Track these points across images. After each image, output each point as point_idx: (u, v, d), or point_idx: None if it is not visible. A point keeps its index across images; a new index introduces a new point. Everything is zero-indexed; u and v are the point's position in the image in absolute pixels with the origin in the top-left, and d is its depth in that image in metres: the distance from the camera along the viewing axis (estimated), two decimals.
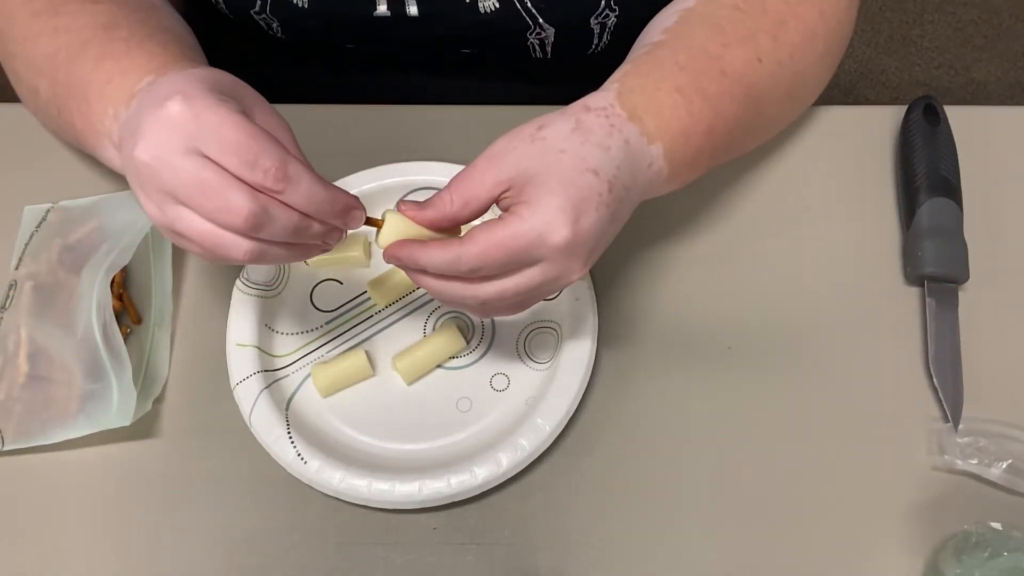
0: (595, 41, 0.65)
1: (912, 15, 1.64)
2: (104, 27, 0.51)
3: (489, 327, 0.58)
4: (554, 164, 0.44)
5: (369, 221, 0.47)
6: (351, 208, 0.45)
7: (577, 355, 0.54)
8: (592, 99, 0.47)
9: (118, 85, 0.47)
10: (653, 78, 0.49)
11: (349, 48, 0.68)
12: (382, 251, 0.46)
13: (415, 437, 0.55)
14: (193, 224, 0.42)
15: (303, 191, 0.42)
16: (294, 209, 0.42)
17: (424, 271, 0.46)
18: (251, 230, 0.41)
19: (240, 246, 0.42)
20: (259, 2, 0.61)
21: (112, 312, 0.56)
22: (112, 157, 0.49)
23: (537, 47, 0.66)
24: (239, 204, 0.40)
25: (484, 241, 0.43)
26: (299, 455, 0.52)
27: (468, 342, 0.57)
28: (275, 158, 0.40)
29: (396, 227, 0.46)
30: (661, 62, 0.50)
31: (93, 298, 0.56)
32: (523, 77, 0.71)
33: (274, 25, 0.64)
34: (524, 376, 0.56)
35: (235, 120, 0.40)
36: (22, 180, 0.63)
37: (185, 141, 0.40)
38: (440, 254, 0.44)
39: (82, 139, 0.51)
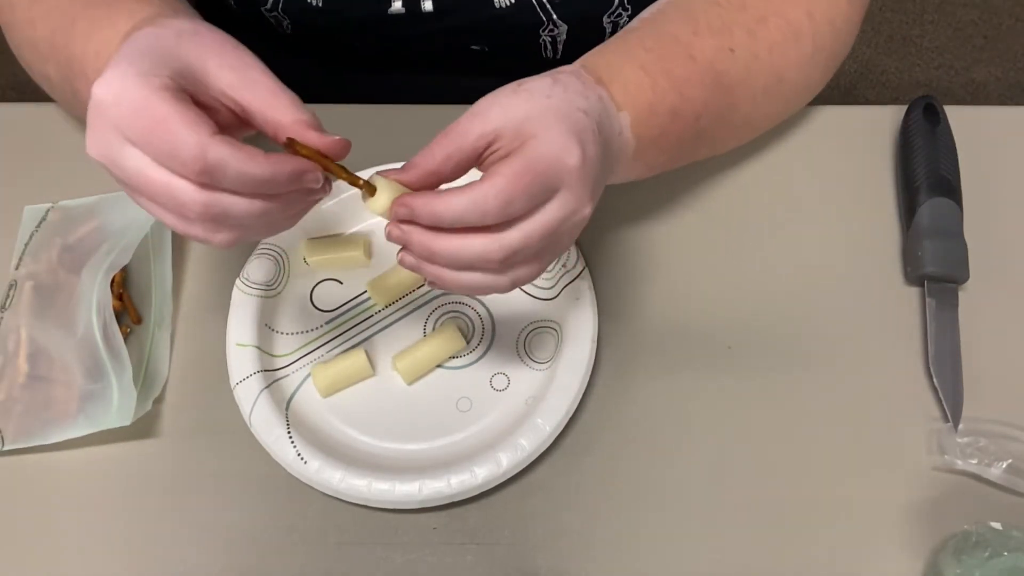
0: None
1: (912, 15, 1.64)
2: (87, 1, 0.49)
3: (489, 327, 0.58)
4: (545, 105, 0.43)
5: (358, 183, 0.43)
6: (301, 173, 0.41)
7: (577, 355, 0.54)
8: (560, 68, 0.47)
9: (106, 59, 0.45)
10: (618, 56, 0.49)
11: (358, 46, 0.68)
12: (388, 212, 0.42)
13: (415, 437, 0.55)
14: (162, 216, 0.41)
15: (235, 172, 0.38)
16: (242, 194, 0.40)
17: (439, 227, 0.42)
18: (212, 228, 0.40)
19: (215, 236, 0.41)
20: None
21: (112, 312, 0.56)
22: None
23: (548, 44, 0.66)
24: (185, 201, 0.39)
25: (507, 173, 0.41)
26: (299, 455, 0.52)
27: (468, 342, 0.57)
28: (187, 144, 0.37)
29: (391, 192, 0.42)
30: (628, 44, 0.50)
31: (93, 298, 0.56)
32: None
33: (284, 23, 0.64)
34: (524, 376, 0.56)
35: (143, 102, 0.38)
36: (22, 180, 0.63)
37: (114, 130, 0.39)
38: (462, 198, 0.40)
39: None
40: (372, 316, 0.58)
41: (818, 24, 0.55)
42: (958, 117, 0.62)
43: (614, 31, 0.64)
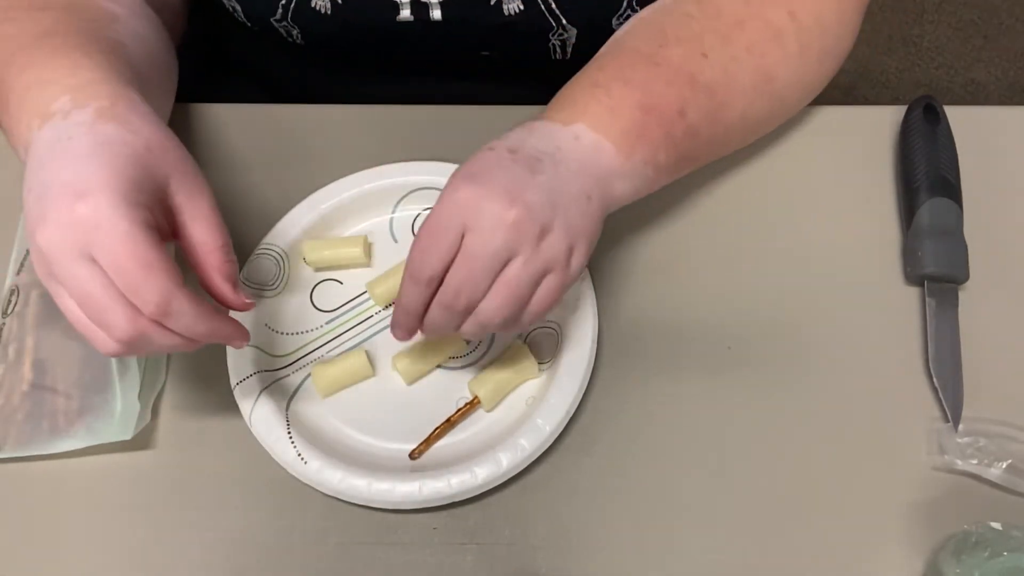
0: None
1: (912, 15, 1.64)
2: (42, 34, 0.49)
3: None
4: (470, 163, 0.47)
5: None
6: (232, 338, 0.48)
7: (577, 356, 0.54)
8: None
9: (35, 96, 0.46)
10: (569, 88, 0.52)
11: (367, 54, 0.68)
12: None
13: (415, 437, 0.55)
14: (70, 309, 0.43)
15: (184, 324, 0.43)
16: (174, 332, 0.44)
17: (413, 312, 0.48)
18: (124, 347, 0.43)
19: (108, 346, 0.43)
20: (280, 10, 0.61)
21: None
22: None
23: (558, 48, 0.66)
24: (116, 325, 0.42)
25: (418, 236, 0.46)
26: (299, 455, 0.52)
27: (469, 342, 0.57)
28: (158, 292, 0.41)
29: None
30: (583, 72, 0.53)
31: None
32: (540, 79, 0.70)
33: (294, 32, 0.64)
34: None
35: (130, 242, 0.41)
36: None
37: (82, 246, 0.41)
38: (404, 279, 0.47)
39: (14, 148, 0.50)
40: (372, 316, 0.58)
41: (802, 22, 0.55)
42: (958, 117, 0.62)
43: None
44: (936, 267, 0.57)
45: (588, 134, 0.49)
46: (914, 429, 0.55)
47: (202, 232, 0.46)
